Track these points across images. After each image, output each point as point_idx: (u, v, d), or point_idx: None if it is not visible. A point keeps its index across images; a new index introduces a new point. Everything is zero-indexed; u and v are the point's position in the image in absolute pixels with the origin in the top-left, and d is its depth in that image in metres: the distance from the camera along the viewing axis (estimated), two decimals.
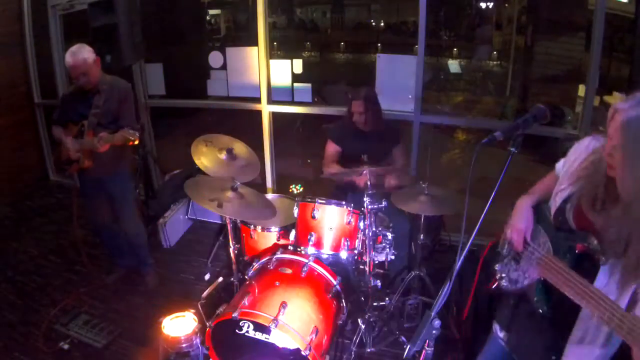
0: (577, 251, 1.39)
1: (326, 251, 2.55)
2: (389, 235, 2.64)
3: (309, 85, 3.88)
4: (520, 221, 1.59)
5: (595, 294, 1.22)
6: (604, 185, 1.30)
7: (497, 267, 1.72)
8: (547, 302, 1.48)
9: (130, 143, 2.62)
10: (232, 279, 2.71)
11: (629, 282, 1.23)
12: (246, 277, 2.41)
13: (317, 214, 2.56)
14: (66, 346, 2.66)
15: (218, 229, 3.93)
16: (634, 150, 1.13)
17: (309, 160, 5.34)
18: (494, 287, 1.72)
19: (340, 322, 2.41)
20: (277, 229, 2.83)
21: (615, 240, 1.24)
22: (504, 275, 1.67)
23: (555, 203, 1.50)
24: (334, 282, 2.38)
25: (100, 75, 2.82)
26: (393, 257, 2.66)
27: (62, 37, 4.52)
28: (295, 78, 3.88)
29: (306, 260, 2.38)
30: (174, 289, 3.24)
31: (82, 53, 2.69)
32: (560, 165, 1.63)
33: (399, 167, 3.13)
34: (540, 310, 1.49)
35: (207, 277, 3.33)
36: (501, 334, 1.76)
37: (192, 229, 4.05)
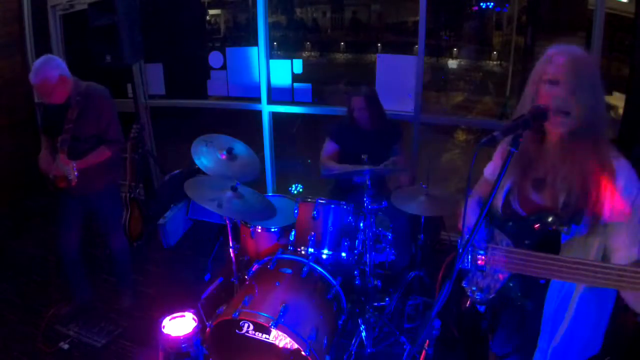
0: (535, 232, 1.42)
1: (326, 251, 2.55)
2: (389, 236, 2.64)
3: (309, 85, 3.89)
4: (468, 220, 1.63)
5: (570, 262, 1.26)
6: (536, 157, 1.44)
7: (463, 284, 1.67)
8: (528, 297, 1.48)
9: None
10: (232, 279, 2.71)
11: (594, 238, 1.35)
12: (246, 277, 2.41)
13: (317, 214, 2.56)
14: (66, 346, 2.66)
15: (218, 229, 3.93)
16: (578, 79, 1.30)
17: (309, 161, 5.34)
18: (468, 305, 1.68)
19: (340, 322, 2.41)
20: (277, 229, 2.83)
21: (568, 200, 1.34)
22: (474, 288, 1.63)
23: (499, 199, 1.56)
24: (334, 283, 2.38)
25: (72, 88, 2.48)
26: (393, 257, 2.66)
27: (62, 37, 4.52)
28: (295, 78, 3.89)
29: (306, 261, 2.38)
30: (174, 289, 3.24)
31: (45, 71, 2.33)
32: (489, 170, 1.71)
33: (400, 166, 3.12)
34: (526, 306, 1.50)
35: (207, 277, 3.33)
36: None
37: (192, 229, 4.05)
